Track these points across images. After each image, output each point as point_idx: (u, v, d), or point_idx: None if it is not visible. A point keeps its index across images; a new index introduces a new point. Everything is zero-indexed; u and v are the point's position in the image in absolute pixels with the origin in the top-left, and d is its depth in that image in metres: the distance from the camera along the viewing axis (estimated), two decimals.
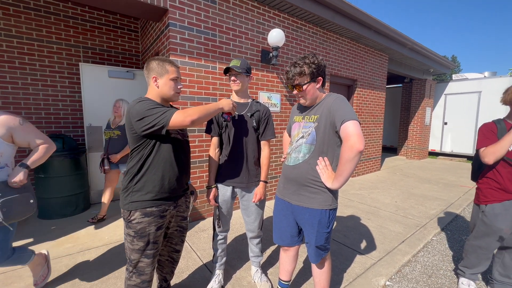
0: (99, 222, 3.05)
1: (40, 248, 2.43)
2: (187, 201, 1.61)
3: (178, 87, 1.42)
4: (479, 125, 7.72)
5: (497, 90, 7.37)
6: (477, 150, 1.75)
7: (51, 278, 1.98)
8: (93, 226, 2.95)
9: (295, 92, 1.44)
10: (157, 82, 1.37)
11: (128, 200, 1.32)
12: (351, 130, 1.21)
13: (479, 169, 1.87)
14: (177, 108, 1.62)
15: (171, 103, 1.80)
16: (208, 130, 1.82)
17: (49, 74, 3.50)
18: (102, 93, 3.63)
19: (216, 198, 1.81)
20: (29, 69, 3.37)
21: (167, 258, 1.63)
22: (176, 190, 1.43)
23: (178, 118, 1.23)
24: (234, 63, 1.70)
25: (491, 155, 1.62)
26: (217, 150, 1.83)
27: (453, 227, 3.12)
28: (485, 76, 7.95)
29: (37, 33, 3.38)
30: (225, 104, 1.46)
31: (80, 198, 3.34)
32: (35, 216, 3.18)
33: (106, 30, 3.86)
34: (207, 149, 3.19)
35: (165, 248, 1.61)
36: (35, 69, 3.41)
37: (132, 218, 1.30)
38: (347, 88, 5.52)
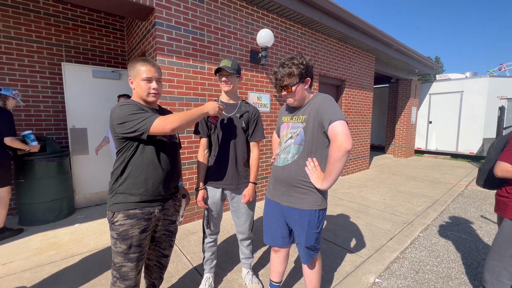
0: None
1: (21, 258, 2.32)
2: (176, 204, 1.56)
3: (152, 87, 1.34)
4: (461, 123, 8.03)
5: (478, 90, 7.69)
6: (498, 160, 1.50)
7: (32, 286, 1.89)
8: (78, 232, 2.85)
9: (283, 93, 1.43)
10: (133, 84, 1.36)
11: (112, 202, 1.29)
12: (338, 130, 1.21)
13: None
14: (168, 111, 1.58)
15: (158, 103, 1.76)
16: (197, 131, 1.79)
17: (29, 74, 3.34)
18: (86, 94, 3.51)
19: (205, 200, 1.78)
20: (7, 68, 3.21)
21: (155, 263, 1.59)
22: (161, 193, 1.40)
23: (159, 126, 1.22)
24: (225, 63, 1.66)
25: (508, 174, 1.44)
26: (205, 151, 1.80)
27: (439, 223, 3.22)
28: (466, 77, 8.27)
29: (15, 31, 3.22)
30: (210, 108, 1.42)
31: (64, 203, 3.21)
32: (15, 223, 3.04)
33: (89, 28, 3.73)
34: (197, 151, 3.14)
35: (153, 252, 1.56)
36: (14, 68, 3.25)
37: (115, 220, 1.28)
38: (335, 88, 5.59)
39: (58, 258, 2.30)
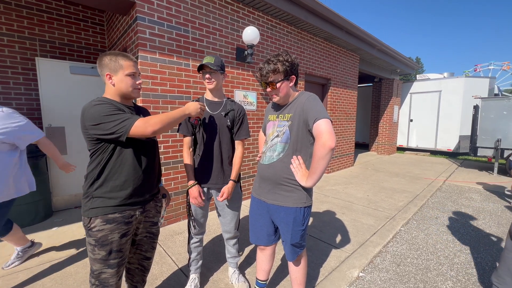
0: None
1: None
2: (158, 205, 1.52)
3: (137, 82, 1.30)
4: (440, 121, 8.41)
5: (454, 90, 8.07)
6: None
7: None
8: (56, 236, 2.71)
9: (268, 89, 1.43)
10: (112, 80, 1.26)
11: (88, 207, 1.21)
12: (323, 128, 1.22)
13: None
14: (145, 109, 1.52)
15: (140, 101, 1.69)
16: (181, 130, 1.75)
17: None
18: (63, 91, 3.34)
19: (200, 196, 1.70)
20: None
21: (137, 267, 1.54)
22: (142, 195, 1.34)
23: (139, 129, 1.16)
24: (208, 60, 1.63)
25: None
26: (190, 150, 1.76)
27: (419, 217, 3.35)
28: (444, 77, 8.65)
29: None
30: (192, 109, 1.37)
31: (40, 206, 3.05)
32: None
33: (66, 22, 3.54)
34: (181, 149, 3.06)
35: (134, 255, 1.51)
36: None
37: (92, 225, 1.20)
38: (321, 87, 5.67)
39: (33, 264, 2.18)
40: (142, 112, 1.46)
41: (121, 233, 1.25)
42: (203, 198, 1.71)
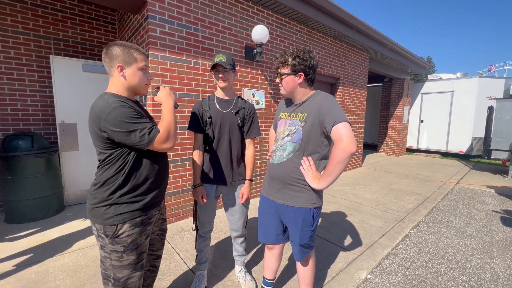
0: None
1: (5, 255, 2.25)
2: (164, 199, 1.51)
3: (149, 78, 1.26)
4: (452, 123, 8.21)
5: (468, 90, 7.85)
6: None
7: (18, 285, 1.83)
8: (67, 230, 2.78)
9: (277, 80, 1.46)
10: (124, 72, 1.17)
11: (112, 213, 1.14)
12: (343, 132, 1.20)
13: None
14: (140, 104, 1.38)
15: (151, 99, 1.68)
16: (192, 127, 1.75)
17: (15, 67, 3.22)
18: (76, 88, 3.41)
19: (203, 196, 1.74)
20: None
21: (148, 269, 1.49)
22: (162, 194, 1.35)
23: (161, 146, 1.17)
24: (221, 58, 1.62)
25: None
26: (201, 147, 1.77)
27: (429, 220, 3.28)
28: (457, 77, 8.42)
29: (0, 22, 3.09)
30: (170, 98, 1.30)
31: (53, 200, 3.13)
32: (1, 221, 2.95)
33: (79, 21, 3.61)
34: (190, 147, 3.10)
35: (146, 257, 1.44)
36: None
37: (120, 232, 1.15)
38: (330, 86, 5.61)
39: (46, 257, 2.24)
40: (139, 106, 1.34)
41: (146, 234, 1.25)
42: (205, 200, 1.73)
